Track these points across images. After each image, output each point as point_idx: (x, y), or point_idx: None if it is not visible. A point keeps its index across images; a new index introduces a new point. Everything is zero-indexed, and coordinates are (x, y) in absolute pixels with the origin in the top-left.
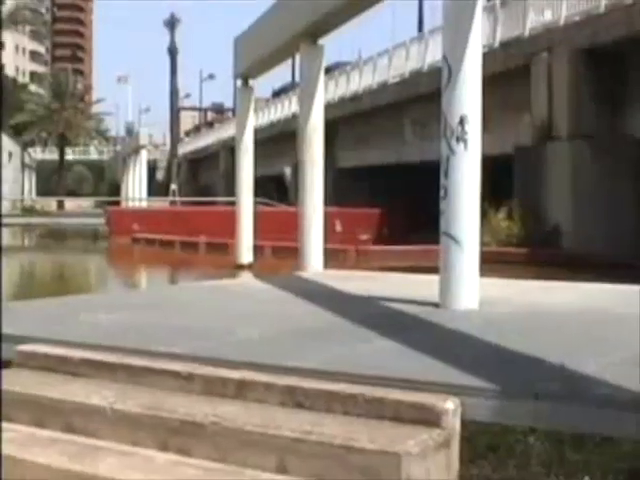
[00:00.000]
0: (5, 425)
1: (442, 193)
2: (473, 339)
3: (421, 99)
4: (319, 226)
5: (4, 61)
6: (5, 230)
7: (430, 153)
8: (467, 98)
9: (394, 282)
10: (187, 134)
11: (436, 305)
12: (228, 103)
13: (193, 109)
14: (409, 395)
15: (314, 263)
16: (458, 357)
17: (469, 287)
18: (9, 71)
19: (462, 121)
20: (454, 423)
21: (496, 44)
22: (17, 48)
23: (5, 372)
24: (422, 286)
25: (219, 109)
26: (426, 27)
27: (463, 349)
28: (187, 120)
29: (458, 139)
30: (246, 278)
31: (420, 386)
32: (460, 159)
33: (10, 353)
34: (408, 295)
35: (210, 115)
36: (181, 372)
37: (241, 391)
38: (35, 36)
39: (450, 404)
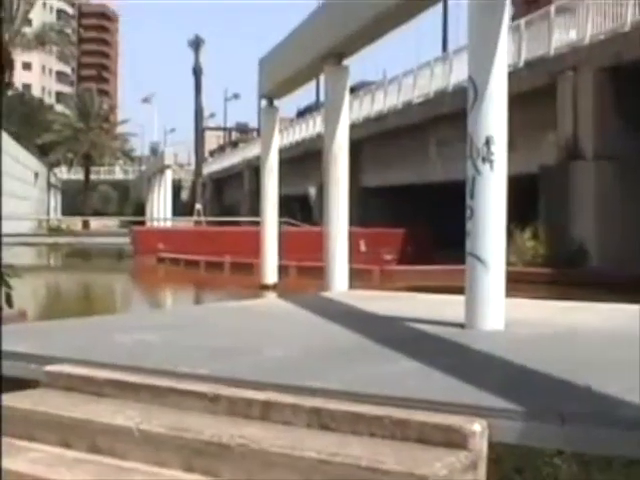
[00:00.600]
0: (32, 445)
1: (468, 214)
2: (499, 360)
3: (446, 119)
4: (344, 246)
5: (31, 81)
6: (31, 249)
7: (454, 173)
8: (493, 119)
9: (419, 302)
10: (212, 154)
11: (462, 326)
12: (252, 123)
13: (218, 129)
14: (435, 417)
15: (339, 283)
16: (484, 378)
17: (495, 308)
18: (36, 91)
19: (488, 142)
20: (481, 445)
21: (521, 63)
22: (44, 69)
23: (32, 392)
24: (447, 306)
25: (243, 129)
26: (450, 46)
27: (489, 370)
28: (212, 140)
29: (484, 160)
30: (271, 298)
31: (446, 408)
32: (486, 180)
33: (37, 373)
34: (433, 316)
35: (234, 135)
36: (207, 393)
37: (266, 412)
38: (61, 57)
39: (477, 426)
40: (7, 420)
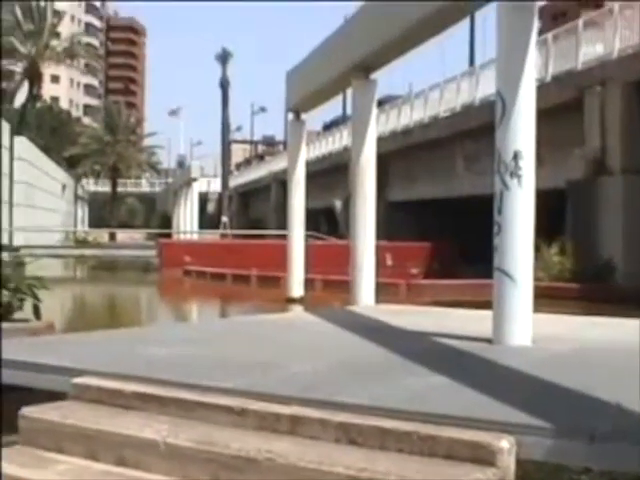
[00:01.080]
0: (60, 457)
1: (496, 229)
2: (527, 376)
3: (472, 133)
4: (371, 260)
5: (59, 94)
6: (58, 261)
7: (481, 187)
8: (521, 133)
9: (446, 317)
10: (238, 167)
11: (489, 341)
12: (279, 136)
13: (244, 142)
14: (463, 433)
15: (365, 297)
16: (512, 394)
17: (522, 323)
18: (64, 104)
19: (516, 156)
20: (509, 462)
21: (548, 78)
22: (72, 82)
23: (60, 404)
24: (474, 321)
25: (270, 142)
26: (476, 60)
27: (517, 386)
28: (238, 153)
29: (512, 174)
30: (297, 312)
31: (474, 424)
32: (514, 195)
33: (65, 386)
34: (460, 330)
35: (261, 148)
36: (234, 407)
37: (294, 427)
38: (89, 70)
39: (505, 443)
40: (36, 432)
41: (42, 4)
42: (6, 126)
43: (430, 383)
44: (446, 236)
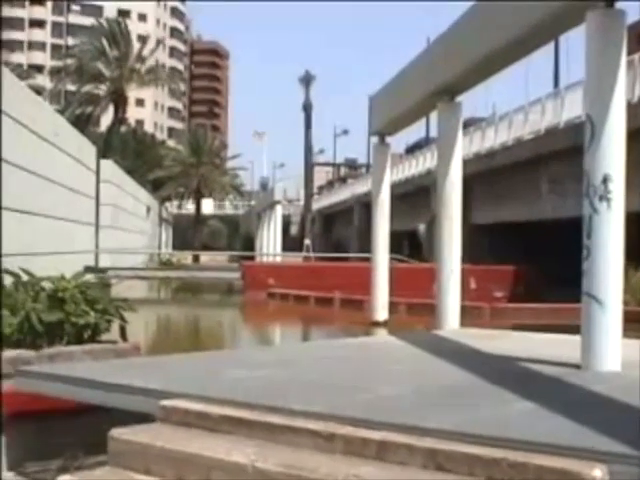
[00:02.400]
0: (149, 479)
1: (585, 253)
2: (618, 403)
3: (557, 155)
4: (456, 284)
5: (144, 117)
6: (143, 283)
7: (566, 210)
8: (611, 156)
9: (531, 341)
10: (320, 189)
11: (577, 366)
12: (361, 158)
13: (327, 164)
14: (553, 460)
15: (450, 321)
16: (603, 421)
17: (612, 349)
18: (148, 127)
19: (605, 180)
20: None
21: (635, 99)
22: (156, 105)
23: (148, 426)
24: (561, 346)
25: (352, 164)
26: (561, 81)
27: (608, 413)
28: (320, 175)
29: (601, 198)
30: (382, 335)
31: (565, 451)
32: (603, 219)
33: (152, 408)
34: (547, 355)
35: (343, 170)
36: (321, 432)
37: (382, 452)
38: (173, 93)
39: (598, 472)
40: (125, 453)
41: (125, 29)
42: (93, 149)
43: (518, 409)
44: (531, 259)
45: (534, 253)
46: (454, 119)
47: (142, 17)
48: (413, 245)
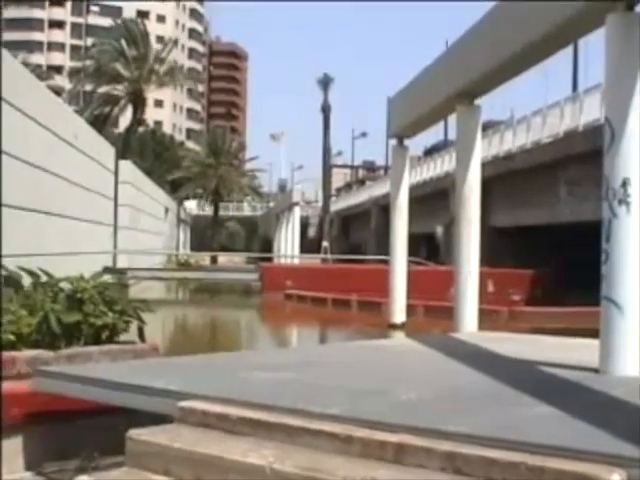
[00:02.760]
0: None
1: (603, 257)
2: (636, 407)
3: (576, 159)
4: (474, 287)
5: (162, 118)
6: (161, 283)
7: (585, 214)
8: (631, 160)
9: (550, 345)
10: (338, 191)
11: (595, 371)
12: (379, 161)
13: (345, 166)
14: (572, 465)
15: (468, 324)
16: (621, 425)
17: (630, 353)
18: (167, 128)
19: (625, 183)
20: None
21: None
22: (175, 106)
23: (166, 427)
24: (579, 350)
25: (370, 167)
26: (580, 85)
27: (627, 418)
28: (338, 177)
29: (620, 202)
30: (400, 338)
31: (583, 456)
32: (622, 222)
33: (171, 408)
34: (565, 359)
35: (361, 172)
36: (339, 434)
37: (399, 455)
38: (192, 94)
39: (616, 476)
40: (143, 454)
41: (144, 30)
42: (112, 150)
43: (536, 413)
44: (549, 262)
45: (553, 256)
46: (473, 122)
47: (161, 18)
48: (430, 248)
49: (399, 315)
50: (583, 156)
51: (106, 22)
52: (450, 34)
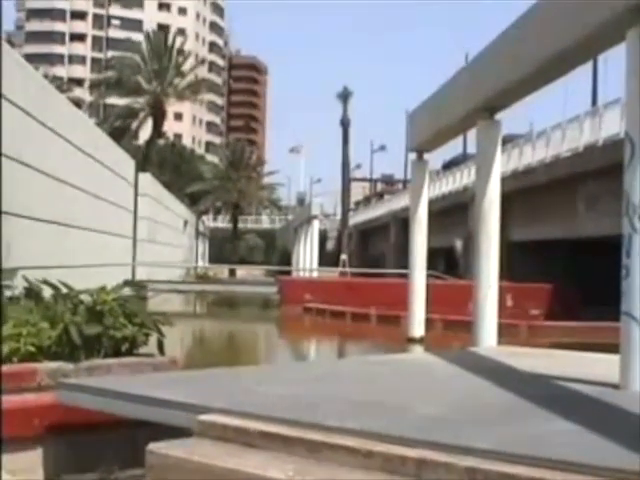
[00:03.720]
0: None
1: (623, 273)
2: None
3: (595, 174)
4: (494, 301)
5: (182, 131)
6: (179, 296)
7: (605, 228)
8: None
9: (569, 360)
10: (357, 205)
11: (615, 386)
12: (398, 174)
13: (363, 180)
14: None
15: (487, 338)
16: None
17: None
18: (186, 141)
19: None
20: None
21: None
22: (194, 119)
23: (185, 441)
24: (598, 365)
25: (389, 180)
26: (599, 99)
27: None
28: (357, 190)
29: None
30: (419, 352)
31: (603, 472)
32: None
33: (190, 422)
34: (585, 374)
35: (380, 186)
36: (360, 449)
37: (420, 470)
38: (211, 107)
39: None
40: (163, 467)
41: (165, 44)
42: (132, 162)
43: (557, 428)
44: (568, 277)
45: (572, 270)
46: (493, 137)
47: (181, 31)
48: (449, 262)
49: (418, 329)
50: (603, 171)
51: (127, 35)
52: (471, 47)
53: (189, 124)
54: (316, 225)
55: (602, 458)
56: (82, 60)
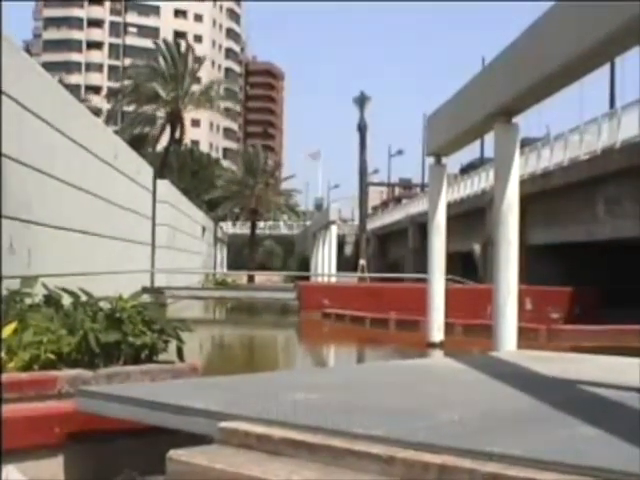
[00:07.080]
0: None
1: None
2: None
3: (614, 176)
4: (513, 306)
5: (199, 137)
6: (198, 302)
7: (623, 231)
8: None
9: (590, 364)
10: (375, 209)
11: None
12: (416, 179)
13: (381, 184)
14: None
15: (507, 343)
16: None
17: None
18: (204, 147)
19: None
20: None
21: None
22: (212, 125)
23: (207, 448)
24: (620, 369)
25: (407, 185)
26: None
27: None
28: (375, 195)
29: None
30: (439, 357)
31: (631, 478)
32: None
33: (211, 429)
34: (609, 378)
35: (397, 190)
36: (382, 455)
37: (443, 476)
38: (229, 114)
39: None
40: (183, 475)
41: (183, 50)
42: (150, 169)
43: (582, 434)
44: (588, 280)
45: (591, 273)
46: (511, 140)
47: (198, 38)
48: (467, 266)
49: (437, 334)
50: (621, 173)
51: (144, 43)
52: (487, 50)
53: (206, 130)
54: (334, 230)
55: (629, 464)
56: (99, 68)
